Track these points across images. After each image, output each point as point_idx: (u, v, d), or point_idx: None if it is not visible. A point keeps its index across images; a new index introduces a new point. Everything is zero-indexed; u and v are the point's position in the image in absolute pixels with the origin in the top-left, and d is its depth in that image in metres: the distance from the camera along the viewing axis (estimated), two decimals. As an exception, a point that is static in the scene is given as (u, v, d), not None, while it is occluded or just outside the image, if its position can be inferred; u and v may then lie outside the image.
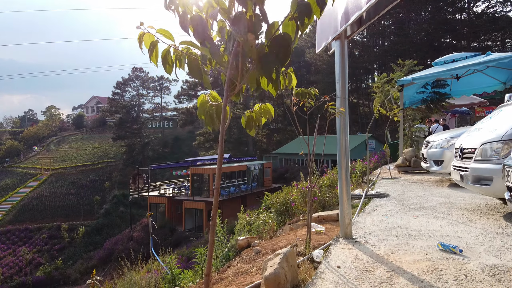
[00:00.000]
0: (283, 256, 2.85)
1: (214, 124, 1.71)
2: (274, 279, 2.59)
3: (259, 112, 1.81)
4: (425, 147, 8.61)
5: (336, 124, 4.21)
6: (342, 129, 4.14)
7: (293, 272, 2.90)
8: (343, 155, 4.12)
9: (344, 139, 4.12)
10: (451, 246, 3.69)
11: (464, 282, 2.91)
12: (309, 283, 2.92)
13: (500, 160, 4.64)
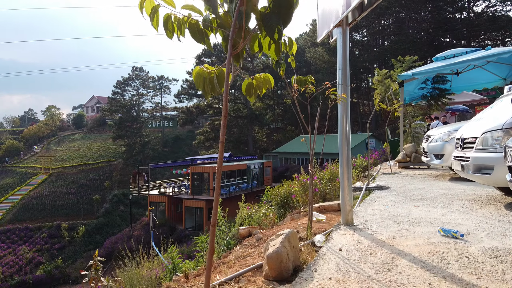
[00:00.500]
0: (285, 236, 2.85)
1: (214, 90, 1.71)
2: (277, 258, 2.59)
3: (259, 79, 1.81)
4: (425, 141, 8.61)
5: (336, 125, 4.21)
6: (344, 116, 4.14)
7: (295, 253, 2.90)
8: (344, 142, 4.12)
9: (345, 125, 4.12)
10: (453, 231, 3.69)
11: (466, 263, 2.91)
12: (311, 263, 2.93)
13: (501, 148, 4.64)
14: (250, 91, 1.83)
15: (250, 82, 1.82)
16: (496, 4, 34.82)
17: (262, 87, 1.84)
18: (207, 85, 1.67)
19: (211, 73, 1.71)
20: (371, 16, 36.05)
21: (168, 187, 30.85)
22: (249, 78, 1.84)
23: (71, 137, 60.54)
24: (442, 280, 2.57)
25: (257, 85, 1.81)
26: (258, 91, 1.83)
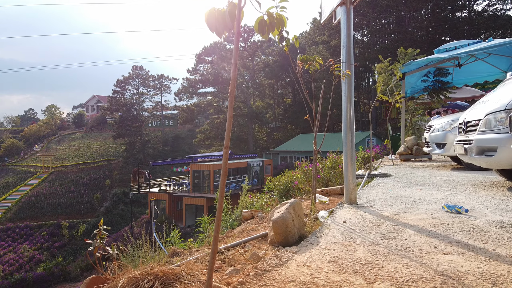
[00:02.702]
0: (290, 205, 2.84)
1: (227, 27, 1.70)
2: (282, 222, 2.59)
3: (272, 17, 1.81)
4: (427, 131, 8.61)
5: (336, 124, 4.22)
6: (348, 93, 4.14)
7: (300, 221, 2.90)
8: (348, 119, 4.12)
9: (349, 104, 4.12)
10: (457, 206, 3.69)
11: (472, 232, 2.91)
12: (316, 231, 2.92)
13: (504, 129, 4.63)
14: (263, 28, 1.83)
15: (262, 19, 1.82)
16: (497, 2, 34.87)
17: (275, 27, 1.84)
18: (219, 23, 1.67)
19: (223, 9, 1.72)
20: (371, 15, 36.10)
21: (168, 185, 30.85)
22: (261, 16, 1.84)
23: (71, 136, 60.52)
24: (449, 244, 2.57)
25: (270, 23, 1.80)
26: (271, 32, 1.83)
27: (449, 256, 2.32)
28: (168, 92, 51.74)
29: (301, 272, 1.95)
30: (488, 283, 1.83)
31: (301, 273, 1.94)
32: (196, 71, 42.86)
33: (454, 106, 16.32)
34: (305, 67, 3.85)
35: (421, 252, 2.39)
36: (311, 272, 1.96)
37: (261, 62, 42.20)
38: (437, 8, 35.09)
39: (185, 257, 2.56)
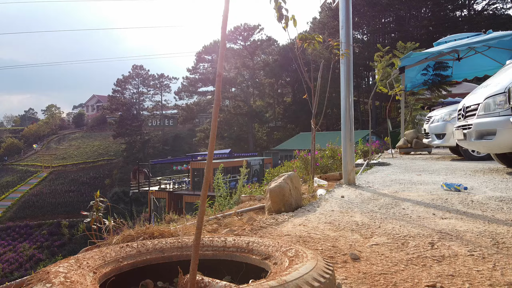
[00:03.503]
0: (287, 176, 2.83)
1: None
2: (279, 191, 2.57)
3: None
4: (426, 122, 8.59)
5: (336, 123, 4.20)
6: (347, 73, 4.12)
7: (297, 194, 2.88)
8: (347, 99, 4.10)
9: (347, 81, 4.10)
10: (456, 184, 3.67)
11: (471, 204, 2.89)
12: (313, 202, 2.90)
13: (504, 112, 4.61)
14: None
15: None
16: (497, 1, 34.89)
17: None
18: None
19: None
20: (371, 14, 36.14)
21: (168, 183, 30.83)
22: None
23: (71, 135, 60.52)
24: (447, 212, 2.55)
25: None
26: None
27: (447, 220, 2.30)
28: (168, 92, 51.79)
29: (297, 229, 1.94)
30: (488, 238, 1.81)
31: (297, 230, 1.93)
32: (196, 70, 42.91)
33: (454, 102, 16.29)
34: (304, 46, 3.84)
35: (419, 218, 2.37)
36: (307, 229, 1.94)
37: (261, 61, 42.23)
38: (437, 7, 35.13)
39: (181, 224, 2.55)
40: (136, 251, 1.33)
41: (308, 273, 0.97)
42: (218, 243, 1.40)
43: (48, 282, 0.96)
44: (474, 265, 1.40)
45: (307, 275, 0.95)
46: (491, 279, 1.25)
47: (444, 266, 1.38)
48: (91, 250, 1.33)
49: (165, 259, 1.33)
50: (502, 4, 34.70)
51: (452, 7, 36.24)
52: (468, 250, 1.60)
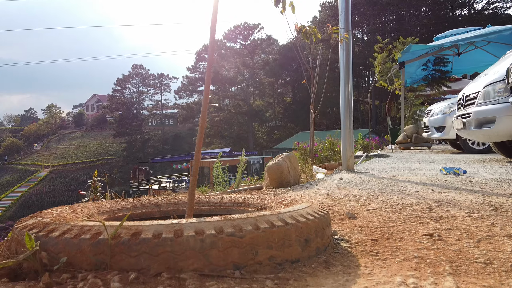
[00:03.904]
0: (285, 155, 2.82)
1: None
2: (277, 168, 2.56)
3: None
4: (426, 115, 8.58)
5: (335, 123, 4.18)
6: (346, 58, 4.11)
7: (295, 173, 2.87)
8: (347, 85, 4.09)
9: (347, 66, 4.09)
10: (455, 168, 3.66)
11: (470, 184, 2.88)
12: (312, 181, 2.90)
13: (503, 99, 4.60)
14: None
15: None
16: (497, 1, 34.91)
17: None
18: None
19: None
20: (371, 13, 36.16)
21: (168, 182, 30.80)
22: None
23: (71, 135, 60.52)
24: (445, 189, 2.54)
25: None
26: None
27: (445, 193, 2.29)
28: (168, 91, 51.81)
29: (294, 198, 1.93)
30: (487, 205, 1.80)
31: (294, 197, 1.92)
32: (196, 69, 42.91)
33: (449, 98, 16.26)
34: (303, 31, 3.83)
35: (417, 192, 2.36)
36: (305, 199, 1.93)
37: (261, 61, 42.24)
38: (437, 6, 35.16)
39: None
40: (132, 205, 1.32)
41: (302, 209, 0.96)
42: (215, 200, 1.40)
43: (40, 217, 0.95)
44: (473, 223, 1.39)
45: (302, 210, 0.95)
46: (490, 232, 1.24)
47: (441, 223, 1.37)
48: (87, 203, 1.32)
49: (161, 213, 1.33)
50: (502, 3, 34.73)
51: (452, 6, 36.27)
52: (466, 212, 1.59)
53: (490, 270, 0.85)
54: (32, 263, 0.75)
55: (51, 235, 0.80)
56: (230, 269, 0.77)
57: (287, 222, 0.87)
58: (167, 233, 0.77)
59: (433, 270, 0.83)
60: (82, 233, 0.79)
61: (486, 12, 34.81)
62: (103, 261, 0.74)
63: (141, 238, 0.75)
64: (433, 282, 0.76)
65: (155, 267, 0.74)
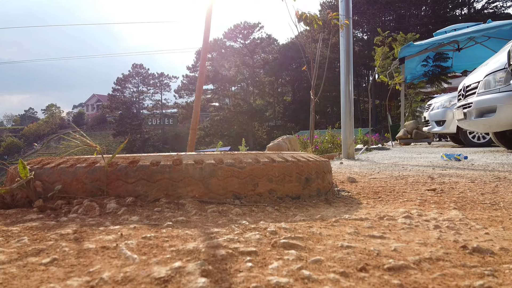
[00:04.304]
0: (286, 137, 2.80)
1: None
2: (277, 148, 2.54)
3: None
4: (426, 110, 8.56)
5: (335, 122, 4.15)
6: (346, 45, 4.09)
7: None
8: (347, 73, 4.07)
9: (348, 54, 4.07)
10: (456, 154, 3.64)
11: (471, 166, 2.86)
12: (313, 163, 2.89)
13: (504, 88, 4.58)
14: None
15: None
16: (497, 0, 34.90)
17: None
18: None
19: None
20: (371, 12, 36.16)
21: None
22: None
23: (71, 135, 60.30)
24: (447, 169, 2.52)
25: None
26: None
27: (447, 171, 2.27)
28: (168, 91, 51.75)
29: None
30: (489, 176, 1.78)
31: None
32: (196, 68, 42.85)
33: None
34: (303, 17, 3.81)
35: (419, 170, 2.34)
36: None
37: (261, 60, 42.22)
38: (437, 5, 35.15)
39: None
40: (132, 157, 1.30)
41: (302, 153, 0.94)
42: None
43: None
44: (476, 186, 1.37)
45: (302, 154, 0.93)
46: (494, 190, 1.23)
47: (444, 185, 1.35)
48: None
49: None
50: (502, 3, 34.73)
51: (452, 6, 36.27)
52: (469, 180, 1.57)
53: (496, 207, 0.83)
54: (26, 192, 0.73)
55: (46, 166, 0.78)
56: (230, 198, 0.75)
57: (287, 160, 0.85)
58: (165, 161, 0.75)
59: (437, 206, 0.82)
60: (78, 163, 0.77)
61: (486, 11, 34.80)
62: (100, 188, 0.72)
63: (139, 165, 0.73)
64: (438, 213, 0.74)
65: (153, 193, 0.72)
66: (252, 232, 0.51)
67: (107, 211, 0.64)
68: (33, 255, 0.41)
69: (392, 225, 0.60)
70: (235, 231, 0.52)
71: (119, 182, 0.72)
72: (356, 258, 0.41)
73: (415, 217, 0.68)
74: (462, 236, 0.54)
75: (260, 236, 0.48)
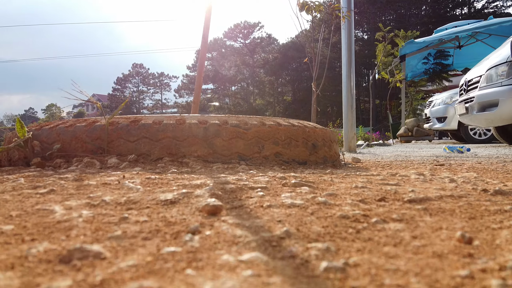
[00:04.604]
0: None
1: None
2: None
3: None
4: (427, 107, 8.54)
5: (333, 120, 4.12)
6: (348, 37, 4.07)
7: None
8: (349, 65, 4.04)
9: (349, 46, 4.05)
10: (459, 146, 3.62)
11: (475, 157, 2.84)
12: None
13: (506, 81, 4.56)
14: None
15: None
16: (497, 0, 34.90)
17: None
18: None
19: None
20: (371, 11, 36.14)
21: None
22: None
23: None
24: (450, 158, 2.50)
25: None
26: None
27: (451, 160, 2.25)
28: (168, 90, 51.76)
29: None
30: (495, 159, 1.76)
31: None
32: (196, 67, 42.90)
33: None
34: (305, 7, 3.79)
35: (422, 159, 2.32)
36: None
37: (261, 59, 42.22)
38: (437, 4, 35.16)
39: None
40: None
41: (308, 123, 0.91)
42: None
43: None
44: (482, 166, 1.35)
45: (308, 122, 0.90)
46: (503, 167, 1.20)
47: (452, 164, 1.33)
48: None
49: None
50: (502, 2, 34.72)
51: (453, 5, 36.26)
52: (476, 161, 1.55)
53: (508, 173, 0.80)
54: (24, 152, 0.71)
55: (45, 127, 0.75)
56: (235, 159, 0.72)
57: (293, 124, 0.83)
58: (168, 120, 0.72)
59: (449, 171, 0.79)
60: (78, 122, 0.74)
61: (487, 11, 34.80)
62: (100, 147, 0.69)
63: (141, 123, 0.71)
64: (451, 174, 0.71)
65: (156, 152, 0.69)
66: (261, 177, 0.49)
67: (108, 165, 0.61)
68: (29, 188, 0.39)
69: (406, 179, 0.58)
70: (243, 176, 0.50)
71: (120, 141, 0.69)
72: (373, 194, 0.39)
73: (428, 176, 0.66)
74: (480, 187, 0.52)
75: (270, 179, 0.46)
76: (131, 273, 0.28)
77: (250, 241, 0.33)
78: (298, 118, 4.69)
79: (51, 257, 0.29)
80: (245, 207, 0.29)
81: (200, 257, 0.31)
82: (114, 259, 0.30)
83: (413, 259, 0.31)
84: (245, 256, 0.31)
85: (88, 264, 0.28)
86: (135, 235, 0.33)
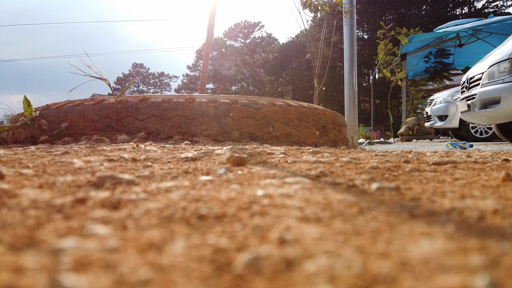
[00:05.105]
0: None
1: None
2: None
3: None
4: (428, 105, 8.53)
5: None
6: (350, 32, 4.05)
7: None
8: (351, 61, 4.03)
9: (351, 42, 4.03)
10: (461, 142, 3.61)
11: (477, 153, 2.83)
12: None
13: (508, 78, 4.55)
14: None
15: None
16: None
17: None
18: None
19: None
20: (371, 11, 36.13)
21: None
22: None
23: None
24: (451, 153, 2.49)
25: None
26: None
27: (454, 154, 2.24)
28: (168, 90, 51.76)
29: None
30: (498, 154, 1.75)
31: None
32: (196, 67, 42.87)
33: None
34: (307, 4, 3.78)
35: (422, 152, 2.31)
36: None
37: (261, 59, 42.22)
38: (438, 4, 35.15)
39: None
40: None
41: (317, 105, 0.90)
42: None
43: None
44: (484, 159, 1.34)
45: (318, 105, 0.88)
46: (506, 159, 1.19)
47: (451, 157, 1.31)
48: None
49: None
50: (502, 2, 34.72)
51: (453, 5, 36.25)
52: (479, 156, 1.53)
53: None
54: (31, 131, 0.70)
55: (52, 106, 0.74)
56: (245, 139, 0.71)
57: (304, 106, 0.81)
58: (178, 99, 0.71)
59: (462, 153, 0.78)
60: (86, 101, 0.73)
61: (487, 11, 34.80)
62: (109, 125, 0.68)
63: (150, 101, 0.70)
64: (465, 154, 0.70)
65: (165, 131, 0.68)
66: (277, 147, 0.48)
67: (119, 141, 0.60)
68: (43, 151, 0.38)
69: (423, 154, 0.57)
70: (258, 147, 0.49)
71: (129, 119, 0.68)
72: (396, 159, 0.38)
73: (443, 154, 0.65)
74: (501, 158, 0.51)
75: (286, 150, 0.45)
76: (168, 192, 0.27)
77: (287, 175, 0.32)
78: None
79: (80, 184, 0.28)
80: (269, 162, 0.28)
81: (240, 181, 0.31)
82: (148, 185, 0.30)
83: (466, 186, 0.30)
84: (289, 179, 0.30)
85: (122, 187, 0.27)
86: (163, 175, 0.32)
